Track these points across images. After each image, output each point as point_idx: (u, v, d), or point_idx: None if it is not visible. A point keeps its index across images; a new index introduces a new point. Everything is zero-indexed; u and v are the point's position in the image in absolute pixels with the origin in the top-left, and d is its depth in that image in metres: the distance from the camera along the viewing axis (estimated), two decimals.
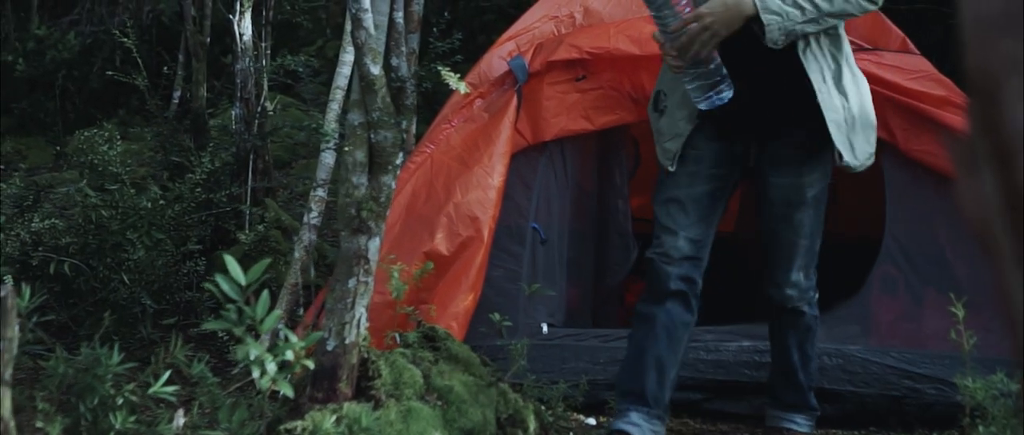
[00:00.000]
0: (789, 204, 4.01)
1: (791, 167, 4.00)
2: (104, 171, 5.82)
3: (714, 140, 4.03)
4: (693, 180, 4.02)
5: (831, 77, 3.89)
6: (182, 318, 5.49)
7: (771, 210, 4.07)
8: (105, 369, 3.31)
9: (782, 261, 4.08)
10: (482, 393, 3.91)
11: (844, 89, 3.89)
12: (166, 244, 5.56)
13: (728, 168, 4.07)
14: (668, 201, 4.04)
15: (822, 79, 3.87)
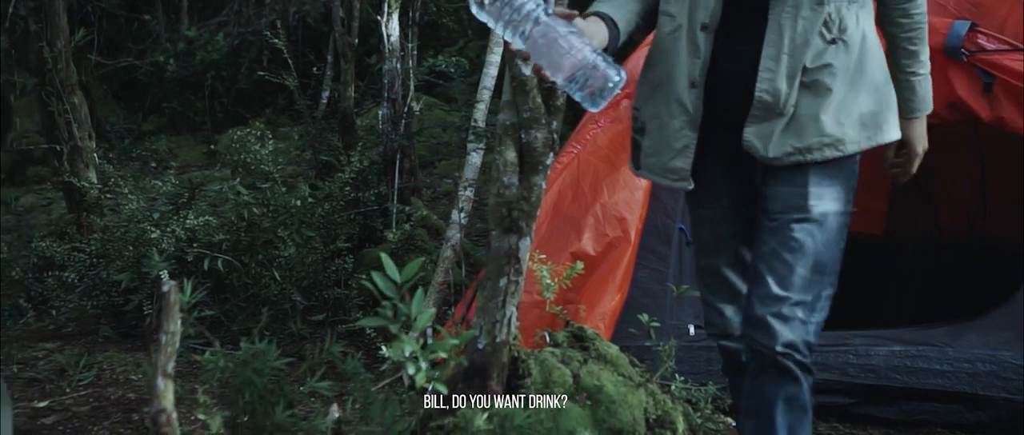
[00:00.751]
0: (788, 211, 3.07)
1: (795, 173, 3.08)
2: (256, 169, 5.95)
3: (726, 162, 3.19)
4: (718, 244, 3.28)
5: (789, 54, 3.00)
6: (330, 315, 5.58)
7: (768, 227, 3.10)
8: (263, 363, 3.38)
9: (771, 294, 3.05)
10: (631, 394, 3.91)
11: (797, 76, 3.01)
12: (316, 242, 5.66)
13: (744, 195, 3.24)
14: (702, 271, 3.35)
15: (775, 49, 3.00)
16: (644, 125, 3.23)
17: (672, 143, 3.14)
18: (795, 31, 3.01)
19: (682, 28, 3.10)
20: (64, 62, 6.59)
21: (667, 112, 3.13)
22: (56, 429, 4.42)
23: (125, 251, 5.56)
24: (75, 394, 4.82)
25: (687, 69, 3.08)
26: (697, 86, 3.06)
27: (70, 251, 5.99)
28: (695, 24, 3.07)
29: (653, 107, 3.19)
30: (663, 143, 3.16)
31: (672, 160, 3.15)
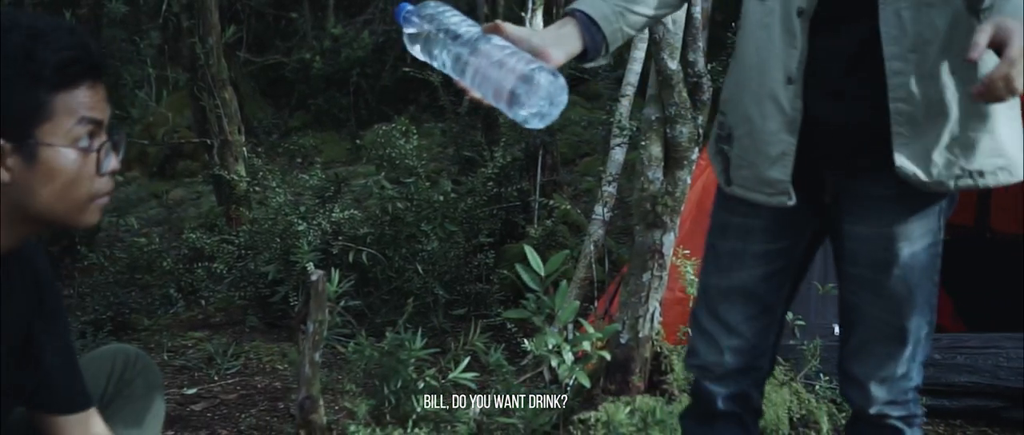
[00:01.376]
0: (875, 266, 2.66)
1: (877, 210, 2.66)
2: (400, 164, 6.01)
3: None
4: (737, 261, 2.82)
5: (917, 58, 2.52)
6: (472, 309, 5.62)
7: (852, 275, 2.72)
8: (408, 354, 3.42)
9: (866, 348, 2.73)
10: (774, 392, 3.87)
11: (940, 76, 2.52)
12: (458, 236, 5.70)
13: (796, 226, 2.79)
14: (706, 290, 2.89)
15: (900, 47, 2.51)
16: (731, 131, 2.76)
17: (766, 150, 2.66)
18: (921, 23, 2.50)
19: (775, 14, 2.64)
20: (215, 58, 6.74)
21: (759, 114, 2.67)
22: (204, 415, 4.52)
23: (272, 243, 5.67)
24: (223, 382, 4.92)
25: (782, 62, 2.62)
26: (795, 81, 2.60)
27: (219, 243, 6.13)
28: (790, 8, 2.61)
29: (742, 109, 2.72)
30: (756, 151, 2.69)
31: (768, 170, 2.66)
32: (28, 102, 2.03)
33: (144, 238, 6.98)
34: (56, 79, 2.04)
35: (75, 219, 2.14)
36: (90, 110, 2.09)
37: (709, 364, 2.84)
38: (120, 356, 2.70)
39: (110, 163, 2.15)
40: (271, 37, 12.11)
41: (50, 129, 2.05)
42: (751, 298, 2.78)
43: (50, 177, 2.07)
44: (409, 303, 3.77)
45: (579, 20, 2.57)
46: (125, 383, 2.68)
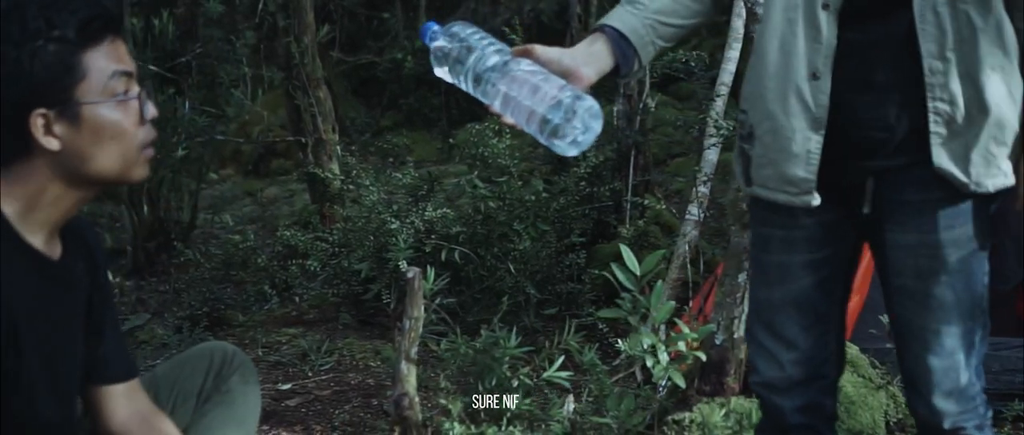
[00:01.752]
0: (921, 275, 2.57)
1: (919, 216, 2.56)
2: (492, 164, 6.02)
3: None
4: (785, 273, 2.75)
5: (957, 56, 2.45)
6: (563, 309, 5.61)
7: (896, 286, 2.62)
8: (503, 352, 3.43)
9: (923, 362, 2.62)
10: (871, 395, 3.82)
11: (979, 74, 2.46)
12: (550, 236, 5.70)
13: (838, 233, 2.72)
14: (758, 305, 2.83)
15: (938, 45, 2.43)
16: (752, 130, 2.66)
17: (789, 148, 2.57)
18: (958, 20, 2.43)
19: (798, 8, 2.55)
20: (310, 57, 6.80)
21: (782, 110, 2.58)
22: (298, 411, 4.56)
23: (365, 241, 5.70)
24: (317, 378, 4.97)
25: (807, 57, 2.53)
26: (820, 76, 2.51)
27: (313, 240, 6.19)
28: (814, 2, 2.53)
29: (764, 107, 2.62)
30: (778, 148, 2.60)
31: (792, 168, 2.58)
32: (60, 67, 2.11)
33: (239, 235, 7.06)
34: (80, 39, 2.12)
35: (128, 173, 2.21)
36: (119, 62, 2.17)
37: (772, 380, 2.79)
38: (218, 352, 2.74)
39: (150, 111, 2.22)
40: (363, 37, 12.20)
41: (86, 88, 2.13)
42: (803, 309, 2.72)
43: (98, 134, 2.15)
44: (503, 301, 3.77)
45: (609, 36, 2.55)
46: (222, 379, 2.72)
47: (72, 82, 2.12)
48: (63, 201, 2.20)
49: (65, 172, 2.16)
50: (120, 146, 2.18)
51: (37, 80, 2.10)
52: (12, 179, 2.16)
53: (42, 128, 2.11)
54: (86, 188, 2.21)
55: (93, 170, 2.17)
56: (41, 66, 2.10)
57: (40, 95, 2.10)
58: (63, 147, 2.13)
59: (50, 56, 2.10)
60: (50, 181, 2.16)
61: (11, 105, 2.10)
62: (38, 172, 2.15)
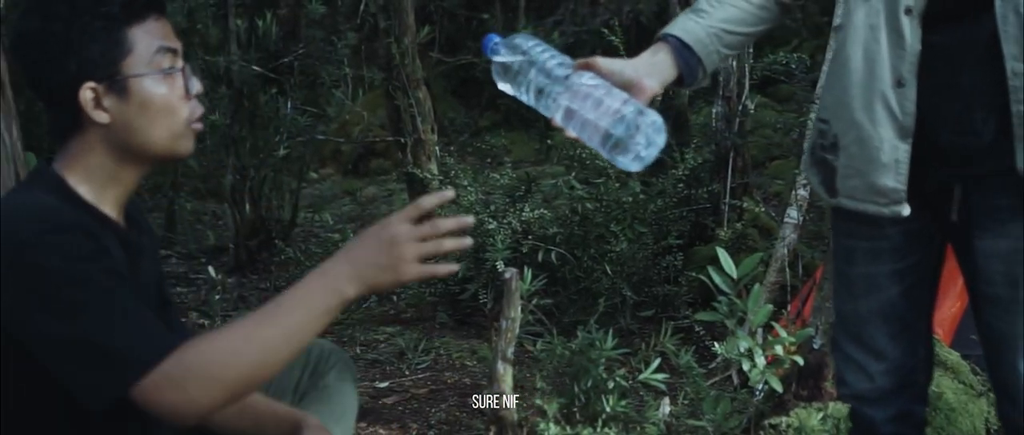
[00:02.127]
0: (1012, 283, 2.48)
1: (1009, 222, 2.48)
2: (590, 165, 6.03)
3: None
4: (870, 284, 2.70)
5: None
6: (660, 311, 5.60)
7: (988, 294, 2.54)
8: (599, 353, 3.43)
9: (1017, 370, 2.53)
10: (971, 402, 3.77)
11: None
12: (647, 238, 5.69)
13: (923, 240, 2.66)
14: (843, 317, 2.78)
15: (1020, 48, 2.37)
16: (837, 140, 2.59)
17: (877, 157, 2.51)
18: None
19: (879, 14, 2.49)
20: (410, 58, 6.85)
21: (869, 119, 2.51)
22: (395, 409, 4.60)
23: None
24: (413, 376, 5.01)
25: (891, 64, 2.48)
26: (906, 84, 2.45)
27: None
28: (897, 7, 2.46)
29: (848, 116, 2.56)
30: (866, 158, 2.54)
31: (881, 178, 2.51)
32: (107, 41, 2.21)
33: (338, 234, 7.14)
34: (125, 15, 2.22)
35: (175, 146, 2.29)
36: (164, 39, 2.27)
37: (862, 392, 2.75)
38: (315, 349, 2.77)
39: (195, 85, 2.31)
40: (463, 38, 12.25)
41: (133, 62, 2.23)
42: (890, 319, 2.68)
43: (145, 106, 2.23)
44: (599, 303, 3.78)
45: (672, 46, 2.54)
46: (319, 375, 2.75)
47: (119, 56, 2.22)
48: (122, 176, 2.28)
49: (117, 145, 2.25)
50: (167, 118, 2.26)
51: (85, 55, 2.20)
52: (71, 156, 2.26)
53: (92, 102, 2.21)
54: (139, 162, 2.29)
55: (142, 141, 2.25)
56: (89, 41, 2.20)
57: (89, 69, 2.20)
58: (113, 120, 2.23)
59: (97, 31, 2.20)
60: (105, 155, 2.25)
61: (62, 80, 2.21)
62: (94, 147, 2.25)
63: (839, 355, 2.77)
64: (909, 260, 2.64)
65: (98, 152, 2.25)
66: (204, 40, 8.89)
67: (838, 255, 2.76)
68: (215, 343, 2.05)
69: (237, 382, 2.04)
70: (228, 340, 2.06)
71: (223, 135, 7.36)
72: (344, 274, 2.06)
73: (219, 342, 2.05)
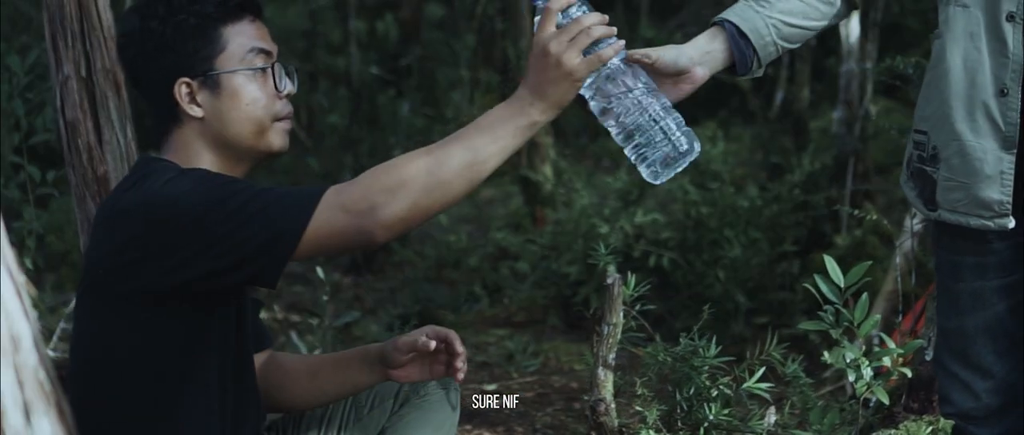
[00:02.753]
0: None
1: None
2: (705, 169, 5.96)
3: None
4: (977, 301, 2.63)
5: None
6: (774, 318, 5.51)
7: None
8: (702, 361, 3.37)
9: None
10: None
11: None
12: (762, 243, 5.61)
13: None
14: (947, 334, 2.74)
15: None
16: (937, 151, 2.52)
17: (982, 169, 2.44)
18: None
19: (980, 22, 2.42)
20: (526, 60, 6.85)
21: (971, 130, 2.44)
22: (501, 412, 4.59)
23: (575, 244, 5.71)
24: (521, 380, 4.99)
25: (993, 73, 2.41)
26: (1009, 92, 2.39)
27: (524, 242, 6.22)
28: (998, 14, 2.39)
29: (949, 127, 2.48)
30: (969, 170, 2.46)
31: (985, 191, 2.45)
32: (202, 39, 2.31)
33: (453, 236, 7.15)
34: (220, 13, 2.32)
35: (265, 141, 2.37)
36: (258, 41, 2.37)
37: (968, 410, 2.70)
38: None
39: (286, 85, 2.40)
40: None
41: (225, 58, 2.33)
42: (998, 335, 2.62)
43: (234, 100, 2.33)
44: (705, 310, 3.72)
45: (728, 32, 2.51)
46: (420, 383, 2.75)
47: (212, 53, 2.32)
48: (221, 170, 2.35)
49: (212, 139, 2.34)
50: (255, 113, 2.34)
51: (180, 51, 2.30)
52: (172, 151, 2.35)
53: (186, 96, 2.32)
54: (234, 156, 2.37)
55: (232, 135, 2.34)
56: (184, 38, 2.30)
57: (183, 65, 2.31)
58: (206, 114, 2.33)
59: (192, 29, 2.30)
60: (203, 149, 2.34)
61: (158, 76, 2.32)
62: (191, 142, 2.34)
63: (944, 373, 2.74)
64: (1017, 275, 2.57)
65: (195, 146, 2.34)
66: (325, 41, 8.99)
67: (943, 271, 2.71)
68: (395, 161, 2.14)
69: (425, 199, 2.11)
70: (409, 156, 2.15)
71: (342, 136, 7.43)
72: (525, 98, 2.19)
73: (399, 159, 2.14)
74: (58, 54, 3.34)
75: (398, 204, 2.08)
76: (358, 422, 2.73)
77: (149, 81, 2.35)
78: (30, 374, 1.35)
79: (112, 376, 2.27)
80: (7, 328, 1.33)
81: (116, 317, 2.25)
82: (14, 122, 4.97)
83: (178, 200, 2.14)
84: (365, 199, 2.08)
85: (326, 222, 2.09)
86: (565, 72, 2.15)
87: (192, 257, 2.14)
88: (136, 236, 2.17)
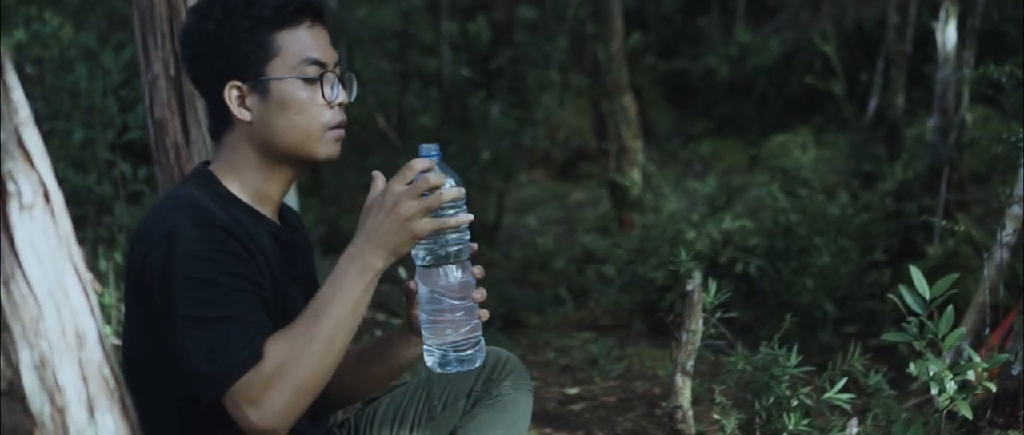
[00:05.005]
0: None
1: None
2: (795, 176, 5.90)
3: None
4: None
5: None
6: (863, 328, 5.43)
7: None
8: (782, 370, 3.33)
9: None
10: None
11: None
12: (851, 252, 5.53)
13: None
14: None
15: None
16: None
17: None
18: None
19: None
20: (617, 64, 6.83)
21: None
22: (582, 416, 4.57)
23: (661, 249, 5.68)
24: (604, 384, 4.97)
25: None
26: None
27: (611, 247, 6.20)
28: None
29: None
30: None
31: None
32: (255, 44, 2.31)
33: (541, 239, 7.16)
34: (276, 19, 2.31)
35: (312, 149, 2.36)
36: (313, 50, 2.34)
37: None
38: (491, 357, 2.79)
39: (339, 94, 2.38)
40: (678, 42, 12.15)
41: (277, 65, 2.31)
42: None
43: (283, 107, 2.32)
44: (787, 318, 3.67)
45: None
46: (493, 383, 2.76)
47: (264, 58, 2.31)
48: (271, 175, 2.38)
49: (260, 144, 2.35)
50: (303, 121, 2.33)
51: (232, 54, 2.30)
52: (223, 155, 2.38)
53: (236, 100, 2.32)
54: (281, 162, 2.38)
55: (279, 141, 2.34)
56: (237, 41, 2.30)
57: (235, 68, 2.31)
58: (254, 119, 2.33)
59: (245, 33, 2.30)
60: (251, 152, 2.36)
61: (211, 77, 2.33)
62: (240, 145, 2.36)
63: None
64: None
65: (244, 149, 2.36)
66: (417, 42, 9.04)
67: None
68: (280, 352, 2.15)
69: (309, 380, 2.15)
70: (290, 345, 2.15)
71: (432, 137, 7.46)
72: (367, 250, 2.19)
73: (282, 350, 2.15)
74: (148, 54, 3.40)
75: (287, 399, 2.14)
76: (430, 421, 2.74)
77: (203, 81, 2.38)
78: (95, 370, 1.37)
79: (156, 376, 2.30)
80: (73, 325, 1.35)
81: (154, 320, 2.28)
82: (108, 119, 5.06)
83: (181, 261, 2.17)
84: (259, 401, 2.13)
85: (231, 407, 2.14)
86: (409, 229, 2.18)
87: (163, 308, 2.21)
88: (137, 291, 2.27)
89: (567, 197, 9.50)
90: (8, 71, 1.56)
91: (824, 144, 8.18)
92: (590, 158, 9.82)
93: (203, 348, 2.12)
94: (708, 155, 9.91)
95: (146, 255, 2.20)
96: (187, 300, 2.14)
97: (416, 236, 2.19)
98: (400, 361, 2.62)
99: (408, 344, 2.59)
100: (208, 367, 2.12)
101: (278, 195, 2.42)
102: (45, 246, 1.48)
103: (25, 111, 1.57)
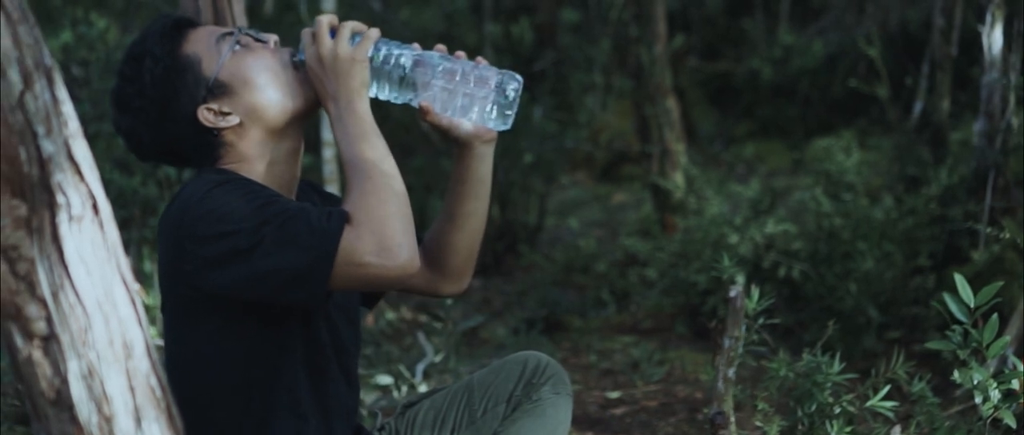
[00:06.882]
0: None
1: None
2: (839, 180, 5.87)
3: None
4: None
5: None
6: (907, 334, 5.40)
7: None
8: (825, 377, 3.32)
9: None
10: None
11: None
12: (896, 257, 5.50)
13: None
14: None
15: None
16: None
17: None
18: None
19: None
20: (660, 67, 6.82)
21: None
22: (623, 420, 4.57)
23: (704, 252, 5.66)
24: (645, 388, 4.97)
25: None
26: None
27: (653, 250, 6.19)
28: None
29: None
30: None
31: None
32: (175, 71, 2.35)
33: (583, 241, 7.16)
34: (168, 46, 2.36)
35: (297, 96, 2.40)
36: (213, 32, 2.42)
37: None
38: (532, 361, 2.80)
39: (264, 37, 2.45)
40: (722, 44, 12.11)
41: (209, 63, 2.37)
42: None
43: (247, 81, 2.38)
44: (830, 324, 3.66)
45: None
46: (533, 387, 2.77)
47: (197, 71, 2.37)
48: (277, 156, 2.42)
49: (260, 129, 2.39)
50: (269, 75, 2.40)
51: (175, 95, 2.36)
52: (227, 164, 2.41)
53: (214, 116, 2.37)
54: (284, 134, 2.42)
55: (271, 110, 2.39)
56: (167, 84, 2.35)
57: (189, 98, 2.36)
58: (240, 114, 2.38)
59: (163, 71, 2.35)
60: (258, 144, 2.40)
61: (182, 123, 2.37)
62: (238, 146, 2.40)
63: None
64: None
65: (249, 146, 2.40)
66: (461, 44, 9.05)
67: None
68: (355, 202, 2.20)
69: (398, 205, 2.21)
70: (358, 195, 2.21)
71: None
72: (342, 105, 2.30)
73: (356, 201, 2.20)
74: None
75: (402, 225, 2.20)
76: (471, 425, 2.76)
77: (180, 134, 2.39)
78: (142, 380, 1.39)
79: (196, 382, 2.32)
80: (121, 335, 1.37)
81: (190, 327, 2.31)
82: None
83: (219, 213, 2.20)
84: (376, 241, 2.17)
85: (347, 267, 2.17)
86: (346, 59, 2.30)
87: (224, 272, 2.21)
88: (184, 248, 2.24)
89: (609, 200, 9.50)
90: (58, 84, 1.58)
91: (868, 147, 8.13)
92: (633, 160, 9.81)
93: (289, 249, 2.15)
94: (751, 158, 9.87)
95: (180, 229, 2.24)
96: (245, 233, 2.16)
97: (358, 59, 2.31)
98: (462, 174, 2.65)
99: (471, 153, 2.60)
100: (304, 256, 2.14)
101: (292, 176, 2.47)
102: (93, 257, 1.51)
103: (74, 123, 1.59)
